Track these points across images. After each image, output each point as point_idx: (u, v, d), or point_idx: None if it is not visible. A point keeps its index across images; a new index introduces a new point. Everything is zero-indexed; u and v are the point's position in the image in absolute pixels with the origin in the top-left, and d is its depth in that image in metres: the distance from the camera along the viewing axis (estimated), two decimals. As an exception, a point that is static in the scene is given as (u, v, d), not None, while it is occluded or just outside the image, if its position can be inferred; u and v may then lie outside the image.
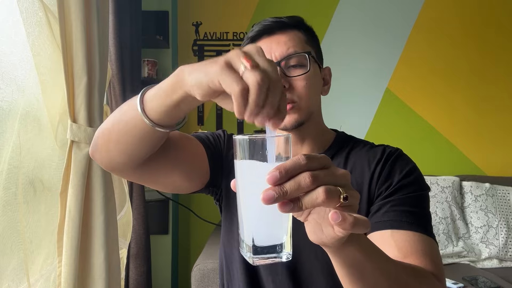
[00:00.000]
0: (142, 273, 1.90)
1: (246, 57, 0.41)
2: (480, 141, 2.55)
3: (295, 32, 0.78)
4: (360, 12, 2.59)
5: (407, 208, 0.69)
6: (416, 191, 0.73)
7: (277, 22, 0.78)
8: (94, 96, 1.04)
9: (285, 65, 0.75)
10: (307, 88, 0.75)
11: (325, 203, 0.38)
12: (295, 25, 0.79)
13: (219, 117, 2.61)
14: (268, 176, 0.37)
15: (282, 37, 0.77)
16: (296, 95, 0.74)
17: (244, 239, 0.42)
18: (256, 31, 0.79)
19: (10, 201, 0.91)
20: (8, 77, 0.91)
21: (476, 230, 2.12)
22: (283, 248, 0.42)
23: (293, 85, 0.75)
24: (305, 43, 0.78)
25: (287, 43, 0.76)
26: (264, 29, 0.78)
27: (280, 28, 0.78)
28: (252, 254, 0.41)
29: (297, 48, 0.76)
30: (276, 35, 0.77)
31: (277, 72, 0.41)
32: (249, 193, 0.41)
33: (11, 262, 0.92)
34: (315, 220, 0.43)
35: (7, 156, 0.89)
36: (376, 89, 2.60)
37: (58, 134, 1.05)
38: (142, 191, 1.92)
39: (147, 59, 2.28)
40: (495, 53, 2.54)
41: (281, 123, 0.43)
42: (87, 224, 1.04)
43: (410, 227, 0.66)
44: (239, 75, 0.41)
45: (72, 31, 0.97)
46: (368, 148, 0.80)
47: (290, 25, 0.79)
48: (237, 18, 2.63)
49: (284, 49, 0.75)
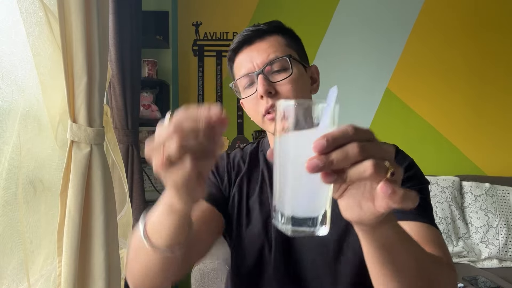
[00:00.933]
0: (142, 273, 1.90)
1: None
2: (480, 141, 2.56)
3: (275, 37, 0.80)
4: (360, 12, 2.59)
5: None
6: (417, 184, 0.74)
7: (255, 30, 0.79)
8: (94, 96, 1.04)
9: (269, 71, 0.76)
10: (293, 91, 0.76)
11: (372, 177, 0.36)
12: (274, 30, 0.80)
13: (219, 117, 2.62)
14: (314, 144, 0.36)
15: (262, 45, 0.78)
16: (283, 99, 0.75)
17: (281, 210, 0.41)
18: (237, 43, 0.81)
19: (10, 201, 0.91)
20: (8, 77, 0.91)
21: (476, 230, 2.12)
22: (320, 221, 0.40)
23: (279, 90, 0.76)
24: (285, 47, 0.79)
25: (267, 50, 0.77)
26: (244, 40, 0.80)
27: (259, 36, 0.79)
28: (291, 226, 0.40)
29: (277, 53, 0.77)
30: (255, 43, 0.79)
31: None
32: (292, 162, 0.40)
33: (11, 262, 0.92)
34: (352, 196, 0.42)
35: (7, 156, 0.89)
36: (376, 89, 2.60)
37: (58, 134, 1.05)
38: (142, 191, 1.92)
39: (147, 59, 2.28)
40: (495, 53, 2.55)
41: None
42: (87, 224, 1.04)
43: (417, 218, 0.68)
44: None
45: (72, 31, 0.97)
46: None
47: (269, 31, 0.80)
48: (237, 18, 2.63)
49: (264, 56, 0.76)
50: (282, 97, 0.75)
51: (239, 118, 2.58)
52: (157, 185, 2.31)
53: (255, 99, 0.77)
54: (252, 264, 0.80)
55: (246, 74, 0.78)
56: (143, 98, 2.27)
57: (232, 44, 0.82)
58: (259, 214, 0.80)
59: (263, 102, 0.75)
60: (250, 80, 0.78)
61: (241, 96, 0.82)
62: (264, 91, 0.74)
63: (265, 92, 0.74)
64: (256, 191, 0.83)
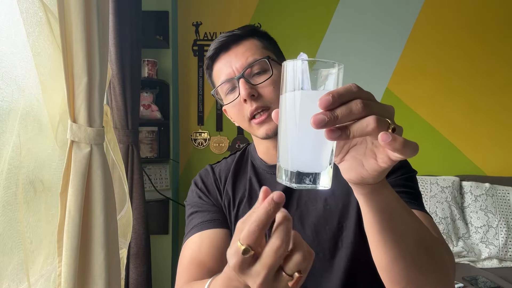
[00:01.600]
0: (142, 273, 1.90)
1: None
2: (480, 141, 2.56)
3: (250, 40, 0.80)
4: (360, 12, 2.59)
5: (403, 189, 0.72)
6: (407, 172, 0.76)
7: (231, 36, 0.80)
8: (94, 96, 1.04)
9: (249, 74, 0.77)
10: (275, 92, 0.76)
11: (375, 131, 0.37)
12: (249, 34, 0.81)
13: (219, 117, 2.61)
14: (320, 100, 0.37)
15: (239, 49, 0.79)
16: (267, 101, 0.76)
17: (285, 167, 0.43)
18: (213, 50, 0.81)
19: (10, 201, 0.91)
20: (8, 77, 0.91)
21: (476, 230, 2.12)
22: (322, 176, 0.42)
23: (261, 92, 0.76)
24: (262, 49, 0.80)
25: (245, 54, 0.78)
26: (220, 46, 0.80)
27: (235, 41, 0.80)
28: (295, 180, 0.42)
29: (255, 55, 0.78)
30: (232, 49, 0.79)
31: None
32: (298, 119, 0.41)
33: (11, 262, 0.92)
34: (353, 157, 0.44)
35: (7, 156, 0.89)
36: (376, 89, 2.60)
37: (58, 134, 1.05)
38: (142, 191, 1.92)
39: (147, 59, 2.28)
40: (495, 53, 2.55)
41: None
42: (87, 224, 1.03)
43: (411, 205, 0.69)
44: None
45: (72, 31, 0.97)
46: None
47: (244, 35, 0.80)
48: (237, 18, 2.63)
49: (243, 60, 0.77)
50: (265, 99, 0.76)
51: (239, 118, 2.58)
52: (157, 185, 2.31)
53: (238, 104, 0.78)
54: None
55: (227, 80, 0.78)
56: (143, 98, 2.27)
57: (208, 52, 0.82)
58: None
59: (247, 106, 0.76)
60: (232, 85, 0.79)
61: (224, 103, 0.82)
62: (247, 94, 0.74)
63: (248, 95, 0.74)
64: (245, 199, 0.84)
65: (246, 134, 2.59)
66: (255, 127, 0.78)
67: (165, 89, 2.46)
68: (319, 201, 0.80)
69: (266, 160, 0.86)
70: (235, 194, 0.86)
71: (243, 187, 0.86)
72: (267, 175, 0.85)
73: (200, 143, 2.64)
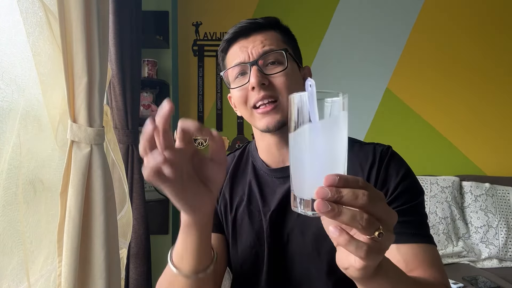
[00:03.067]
0: (142, 273, 1.90)
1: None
2: (480, 141, 2.56)
3: (271, 32, 0.79)
4: (360, 12, 2.59)
5: (408, 218, 0.69)
6: (413, 198, 0.72)
7: (253, 23, 0.78)
8: (94, 96, 1.04)
9: (263, 63, 0.75)
10: (287, 85, 0.74)
11: (362, 227, 0.38)
12: (271, 25, 0.79)
13: (219, 117, 2.61)
14: (326, 178, 0.38)
15: (258, 37, 0.77)
16: (277, 91, 0.74)
17: (300, 195, 0.44)
18: (232, 33, 0.79)
19: (10, 201, 0.90)
20: (8, 77, 0.91)
21: (476, 230, 2.12)
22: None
23: (273, 82, 0.74)
24: (281, 42, 0.78)
25: (264, 42, 0.76)
26: (240, 31, 0.78)
27: (255, 29, 0.78)
28: (310, 208, 0.43)
29: (273, 46, 0.76)
30: (252, 35, 0.77)
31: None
32: (309, 151, 0.43)
33: (11, 262, 0.92)
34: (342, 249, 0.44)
35: (7, 156, 0.89)
36: (376, 89, 2.60)
37: (58, 134, 1.05)
38: (142, 191, 1.92)
39: (147, 59, 2.28)
40: (495, 53, 2.55)
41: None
42: (87, 224, 1.03)
43: (414, 238, 0.68)
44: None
45: (72, 31, 0.97)
46: (358, 147, 0.78)
47: (266, 25, 0.79)
48: (237, 18, 2.61)
49: (260, 47, 0.75)
50: (275, 90, 0.74)
51: (239, 118, 2.58)
52: (157, 185, 2.31)
53: (245, 90, 0.75)
54: (246, 273, 0.79)
55: (239, 63, 0.76)
56: (143, 98, 2.27)
57: (226, 34, 0.80)
58: (249, 226, 0.78)
59: (254, 93, 0.73)
60: (242, 70, 0.76)
61: (231, 86, 0.79)
62: (257, 82, 0.72)
63: (258, 83, 0.72)
64: (244, 203, 0.81)
65: (246, 134, 2.59)
66: (257, 117, 0.76)
67: (165, 89, 2.46)
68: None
69: (268, 162, 0.83)
70: (233, 197, 0.83)
71: (241, 190, 0.83)
72: (268, 178, 0.81)
73: (200, 143, 2.64)
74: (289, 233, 0.76)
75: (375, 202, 0.39)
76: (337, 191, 0.38)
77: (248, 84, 0.74)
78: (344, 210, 0.38)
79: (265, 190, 0.81)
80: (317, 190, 0.38)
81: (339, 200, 0.38)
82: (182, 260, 0.58)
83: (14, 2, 0.88)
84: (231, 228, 0.81)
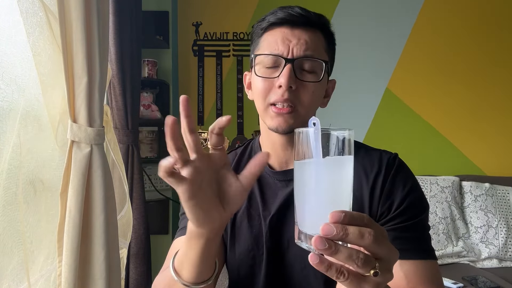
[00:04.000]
0: (142, 273, 1.90)
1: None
2: (480, 141, 2.56)
3: (318, 33, 0.73)
4: (359, 12, 2.59)
5: (411, 234, 0.69)
6: (418, 214, 0.71)
7: (304, 16, 0.72)
8: (94, 96, 1.04)
9: (299, 65, 0.71)
10: (311, 97, 0.71)
11: (358, 266, 0.38)
12: (321, 27, 0.74)
13: (219, 117, 2.61)
14: (331, 214, 0.38)
15: (304, 35, 0.71)
16: (298, 99, 0.70)
17: (305, 230, 0.44)
18: (279, 18, 0.72)
19: (10, 201, 0.91)
20: (8, 77, 0.91)
21: (475, 230, 2.12)
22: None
23: (300, 88, 0.70)
24: (324, 50, 0.74)
25: (308, 43, 0.71)
26: (288, 18, 0.71)
27: (304, 23, 0.72)
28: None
29: (315, 52, 0.71)
30: (298, 29, 0.71)
31: None
32: (313, 187, 0.44)
33: (11, 262, 0.92)
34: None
35: (7, 156, 0.89)
36: (376, 89, 2.60)
37: (58, 134, 1.05)
38: (142, 191, 1.92)
39: (147, 59, 2.28)
40: (495, 53, 2.55)
41: None
42: (87, 224, 1.04)
43: (417, 255, 0.68)
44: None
45: (72, 31, 0.97)
46: (363, 153, 0.76)
47: (316, 25, 0.73)
48: (237, 18, 2.63)
49: (303, 47, 0.70)
50: (298, 97, 0.70)
51: (239, 118, 2.58)
52: (157, 185, 2.31)
53: (270, 83, 0.71)
54: (243, 277, 0.78)
55: (276, 55, 0.70)
56: (143, 98, 2.27)
57: (271, 15, 0.73)
58: (248, 230, 0.77)
59: (278, 92, 0.69)
60: (275, 62, 0.71)
61: (257, 73, 0.73)
62: (286, 83, 0.68)
63: (287, 85, 0.68)
64: (244, 205, 0.78)
65: (246, 134, 2.59)
66: (270, 114, 0.72)
67: (165, 89, 2.46)
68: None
69: (271, 162, 0.79)
70: None
71: None
72: (270, 180, 0.78)
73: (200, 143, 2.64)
74: (290, 239, 0.74)
75: (379, 241, 0.39)
76: (342, 228, 0.38)
77: (277, 80, 0.70)
78: (341, 248, 0.38)
79: (266, 192, 0.78)
80: (323, 226, 0.38)
81: (345, 238, 0.38)
82: (182, 268, 0.57)
83: (14, 2, 0.88)
84: (230, 230, 0.79)
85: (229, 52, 2.65)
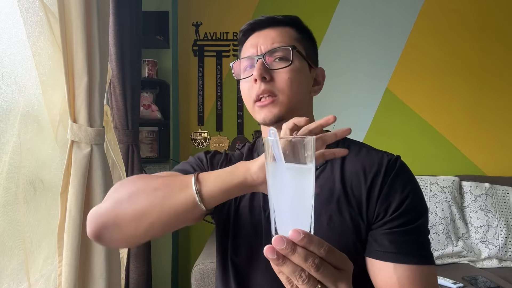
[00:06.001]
0: (142, 273, 1.91)
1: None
2: (480, 141, 2.56)
3: (287, 29, 0.79)
4: (360, 12, 2.59)
5: (409, 238, 0.68)
6: (416, 218, 0.69)
7: (270, 18, 0.79)
8: (95, 96, 1.04)
9: (272, 59, 0.76)
10: (289, 82, 0.74)
11: (300, 284, 0.40)
12: (289, 23, 0.80)
13: (219, 117, 2.61)
14: (293, 230, 0.40)
15: (271, 33, 0.78)
16: (276, 87, 0.75)
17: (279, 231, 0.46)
18: (249, 25, 0.80)
19: (10, 201, 0.91)
20: (9, 77, 0.91)
21: (475, 230, 2.12)
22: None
23: (275, 77, 0.75)
24: (293, 40, 0.78)
25: (274, 38, 0.77)
26: (256, 23, 0.80)
27: (272, 24, 0.79)
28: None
29: (283, 43, 0.76)
30: (266, 30, 0.79)
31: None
32: (276, 188, 0.46)
33: (12, 262, 0.92)
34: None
35: (8, 156, 0.89)
36: (375, 89, 2.60)
37: (58, 134, 1.05)
38: (142, 191, 1.92)
39: (147, 59, 2.28)
40: (495, 53, 2.55)
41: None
42: (87, 224, 1.04)
43: (414, 260, 0.66)
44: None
45: (73, 32, 0.97)
46: (365, 153, 0.76)
47: (283, 22, 0.80)
48: (237, 18, 2.63)
49: (269, 43, 0.76)
50: (275, 85, 0.74)
51: (239, 118, 2.58)
52: (157, 185, 2.31)
53: (250, 83, 0.77)
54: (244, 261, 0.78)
55: (247, 57, 0.78)
56: (143, 98, 2.27)
57: (244, 25, 0.82)
58: (248, 219, 0.78)
59: (256, 86, 0.75)
60: (251, 64, 0.78)
61: (240, 78, 0.81)
62: (259, 75, 0.73)
63: (259, 77, 0.73)
64: (247, 196, 0.80)
65: (246, 134, 2.59)
66: (256, 110, 0.77)
67: (165, 89, 2.46)
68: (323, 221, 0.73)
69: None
70: None
71: None
72: None
73: (200, 143, 2.64)
74: None
75: (324, 271, 0.40)
76: (292, 247, 0.39)
77: (252, 77, 0.75)
78: (287, 262, 0.40)
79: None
80: (275, 237, 0.40)
81: (290, 256, 0.40)
82: (211, 198, 0.60)
83: (14, 3, 0.89)
84: (233, 218, 0.80)
85: (229, 52, 2.65)
